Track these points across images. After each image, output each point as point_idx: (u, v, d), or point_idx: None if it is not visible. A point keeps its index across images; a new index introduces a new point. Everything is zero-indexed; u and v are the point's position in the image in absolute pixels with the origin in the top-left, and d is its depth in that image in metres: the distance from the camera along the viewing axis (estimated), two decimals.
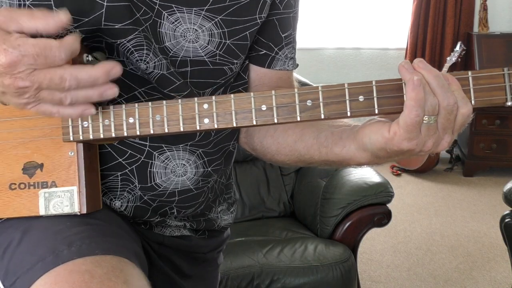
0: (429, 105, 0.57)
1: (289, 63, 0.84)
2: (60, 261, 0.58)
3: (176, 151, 0.76)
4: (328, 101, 0.59)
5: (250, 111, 0.61)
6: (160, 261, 0.86)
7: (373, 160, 0.66)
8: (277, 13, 0.78)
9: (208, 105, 0.61)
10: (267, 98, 0.60)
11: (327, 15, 4.21)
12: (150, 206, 0.78)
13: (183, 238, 0.88)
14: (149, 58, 0.69)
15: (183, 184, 0.78)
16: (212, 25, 0.70)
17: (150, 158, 0.75)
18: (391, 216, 1.90)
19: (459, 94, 0.58)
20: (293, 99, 0.60)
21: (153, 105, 0.62)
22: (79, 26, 0.65)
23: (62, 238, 0.62)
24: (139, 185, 0.75)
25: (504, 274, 2.42)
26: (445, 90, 0.57)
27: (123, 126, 0.63)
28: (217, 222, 0.92)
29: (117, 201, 0.76)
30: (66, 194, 0.65)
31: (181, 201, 0.79)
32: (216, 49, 0.72)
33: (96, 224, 0.67)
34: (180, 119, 0.62)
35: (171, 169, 0.76)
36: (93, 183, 0.68)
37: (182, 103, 0.62)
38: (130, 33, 0.66)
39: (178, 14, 0.68)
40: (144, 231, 0.83)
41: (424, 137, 0.59)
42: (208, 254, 0.94)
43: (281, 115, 0.60)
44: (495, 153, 3.67)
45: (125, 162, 0.74)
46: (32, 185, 0.66)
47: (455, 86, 0.58)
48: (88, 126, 0.64)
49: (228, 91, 0.79)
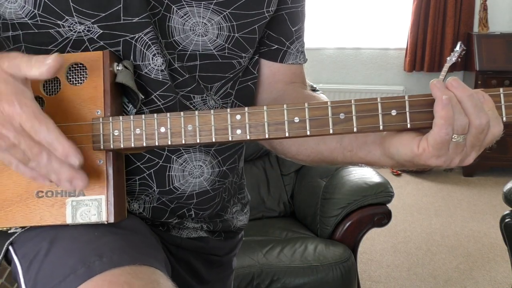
0: (459, 125, 0.57)
1: (301, 56, 0.85)
2: (93, 272, 0.57)
3: (193, 153, 0.76)
4: (361, 114, 0.60)
5: (283, 123, 0.61)
6: (178, 266, 0.85)
7: (395, 165, 0.67)
8: (286, 7, 0.79)
9: (241, 116, 0.61)
10: (300, 111, 0.60)
11: (327, 15, 4.21)
12: (168, 207, 0.78)
13: (200, 239, 0.87)
14: (160, 53, 0.69)
15: (201, 186, 0.78)
16: (221, 19, 0.71)
17: (169, 162, 0.74)
18: (391, 216, 1.90)
19: (493, 114, 0.58)
20: (326, 112, 0.60)
21: (185, 115, 0.62)
22: (97, 21, 0.65)
23: (92, 249, 0.61)
24: (158, 189, 0.75)
25: (504, 274, 2.42)
26: (478, 110, 0.56)
27: (155, 136, 0.63)
28: (233, 223, 0.92)
29: (135, 203, 0.76)
30: (94, 203, 0.65)
31: (199, 203, 0.79)
32: (225, 43, 0.72)
33: (125, 234, 0.66)
34: (212, 130, 0.62)
35: (189, 171, 0.76)
36: (120, 192, 0.68)
37: (215, 113, 0.62)
38: (147, 26, 0.66)
39: (187, 8, 0.69)
40: (162, 233, 0.82)
41: (452, 154, 0.59)
42: (224, 257, 0.94)
43: (314, 128, 0.60)
44: (495, 153, 3.67)
45: (143, 166, 0.73)
46: (60, 193, 0.65)
47: (489, 105, 0.58)
48: (119, 134, 0.64)
49: (236, 86, 0.79)
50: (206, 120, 0.62)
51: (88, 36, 0.66)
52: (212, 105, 0.75)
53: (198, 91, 0.73)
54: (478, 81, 3.59)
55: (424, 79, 4.13)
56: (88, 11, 0.65)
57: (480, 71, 3.58)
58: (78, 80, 0.66)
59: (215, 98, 0.76)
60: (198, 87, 0.73)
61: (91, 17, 0.65)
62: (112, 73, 0.66)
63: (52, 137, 0.57)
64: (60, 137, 0.57)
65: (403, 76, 4.19)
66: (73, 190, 0.64)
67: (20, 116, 0.55)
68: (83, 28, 0.66)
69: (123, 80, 0.66)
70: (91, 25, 0.65)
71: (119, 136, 0.64)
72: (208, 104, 0.75)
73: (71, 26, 0.66)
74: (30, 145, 0.56)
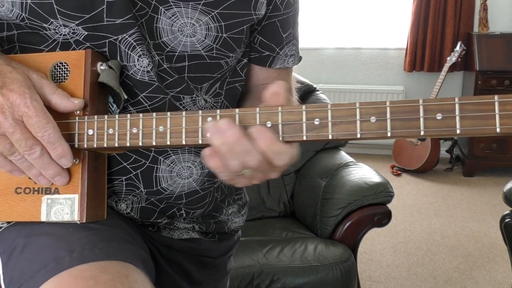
0: (231, 168, 0.56)
1: (289, 60, 0.85)
2: (62, 268, 0.57)
3: (182, 154, 0.75)
4: (338, 120, 0.55)
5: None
6: (168, 267, 0.85)
7: None
8: (279, 14, 0.79)
9: (212, 119, 0.59)
10: (273, 115, 0.57)
11: (327, 15, 4.22)
12: (157, 207, 0.78)
13: (192, 241, 0.87)
14: (146, 54, 0.68)
15: (190, 186, 0.77)
16: (209, 19, 0.70)
17: (156, 163, 0.74)
18: (391, 216, 1.90)
19: (269, 150, 0.55)
20: (300, 117, 0.56)
21: (157, 116, 0.61)
22: (81, 23, 0.65)
23: (64, 244, 0.61)
24: (145, 190, 0.75)
25: (504, 274, 2.42)
26: (245, 154, 0.55)
27: (127, 136, 0.62)
28: (228, 225, 0.91)
29: (122, 203, 0.75)
30: (68, 202, 0.65)
31: (188, 203, 0.79)
32: (213, 43, 0.72)
33: (99, 229, 0.66)
34: (183, 132, 0.60)
35: (177, 172, 0.76)
36: (98, 192, 0.68)
37: (186, 115, 0.60)
38: (131, 28, 0.66)
39: (175, 9, 0.68)
40: (152, 233, 0.82)
41: (246, 180, 0.60)
42: (218, 259, 0.93)
43: (287, 133, 0.57)
44: (495, 153, 3.67)
45: (129, 166, 0.73)
46: (37, 190, 0.66)
47: (263, 142, 0.55)
48: (93, 134, 0.63)
49: (224, 86, 0.79)
50: (177, 122, 0.60)
51: (74, 38, 0.66)
52: (202, 105, 0.75)
53: (187, 92, 0.73)
54: (478, 81, 3.59)
55: (424, 79, 4.13)
56: (72, 13, 0.64)
57: (480, 71, 3.58)
58: (62, 78, 0.66)
59: (207, 97, 0.76)
60: (187, 88, 0.73)
61: (75, 19, 0.65)
62: (95, 73, 0.66)
63: (56, 137, 0.60)
64: (62, 138, 0.61)
65: (403, 76, 4.19)
66: (49, 185, 0.65)
67: (28, 109, 0.58)
68: (68, 31, 0.66)
69: (105, 79, 0.65)
70: (76, 27, 0.65)
71: (93, 136, 0.63)
72: (198, 104, 0.75)
73: (56, 29, 0.66)
74: (26, 137, 0.58)
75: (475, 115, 0.50)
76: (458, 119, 0.51)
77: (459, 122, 0.51)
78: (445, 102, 0.51)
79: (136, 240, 0.72)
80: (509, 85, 3.56)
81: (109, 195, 0.74)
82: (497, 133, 0.51)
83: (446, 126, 0.51)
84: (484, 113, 0.50)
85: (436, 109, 0.51)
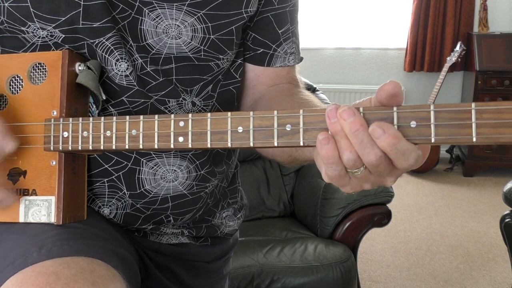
0: (346, 161, 0.50)
1: (290, 58, 0.81)
2: (27, 263, 0.57)
3: (166, 158, 0.74)
4: (310, 127, 0.53)
5: (226, 132, 0.57)
6: (157, 270, 0.83)
7: None
8: (272, 9, 0.76)
9: (184, 123, 0.58)
10: (244, 120, 0.56)
11: (327, 15, 4.21)
12: (143, 214, 0.76)
13: (181, 246, 0.85)
14: (127, 57, 0.67)
15: (175, 189, 0.76)
16: (195, 20, 0.68)
17: (138, 165, 0.73)
18: (391, 216, 1.90)
19: (396, 152, 0.49)
20: (271, 122, 0.55)
21: (131, 119, 0.61)
22: (57, 26, 0.65)
23: (36, 241, 0.61)
24: (128, 192, 0.74)
25: (504, 274, 2.42)
26: (363, 147, 0.49)
27: (101, 139, 0.62)
28: (220, 229, 0.89)
29: (105, 209, 0.74)
30: (45, 203, 0.65)
31: (175, 207, 0.77)
32: (200, 45, 0.70)
33: (75, 227, 0.65)
34: (155, 136, 0.60)
35: (161, 175, 0.74)
36: (76, 194, 0.67)
37: (159, 119, 0.60)
38: (109, 31, 0.65)
39: (159, 10, 0.67)
40: (139, 238, 0.81)
41: (356, 183, 0.53)
42: (212, 263, 0.90)
43: (258, 139, 0.55)
44: (495, 153, 3.67)
45: (111, 168, 0.72)
46: (15, 191, 0.66)
47: (389, 141, 0.49)
48: (68, 136, 0.63)
49: (217, 89, 0.77)
50: (150, 125, 0.60)
51: (52, 40, 0.66)
52: (189, 108, 0.73)
53: (173, 95, 0.71)
54: (478, 81, 3.59)
55: (424, 79, 4.13)
56: (48, 16, 0.64)
57: (480, 71, 3.58)
58: (40, 79, 0.66)
59: (197, 100, 0.74)
60: (174, 91, 0.71)
61: (51, 21, 0.64)
62: (74, 73, 0.65)
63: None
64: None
65: (403, 76, 4.19)
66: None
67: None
68: (46, 33, 0.65)
69: (83, 80, 0.65)
70: (53, 30, 0.65)
71: (67, 138, 0.63)
72: (185, 108, 0.73)
73: (34, 32, 0.65)
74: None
75: (451, 124, 0.49)
76: (433, 128, 0.49)
77: (434, 130, 0.49)
78: (420, 109, 0.49)
79: (116, 239, 0.71)
80: (509, 85, 3.56)
81: (92, 198, 0.73)
82: (474, 142, 0.49)
83: (420, 135, 0.49)
84: (460, 121, 0.48)
85: (410, 116, 0.50)
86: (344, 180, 0.53)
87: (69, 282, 0.54)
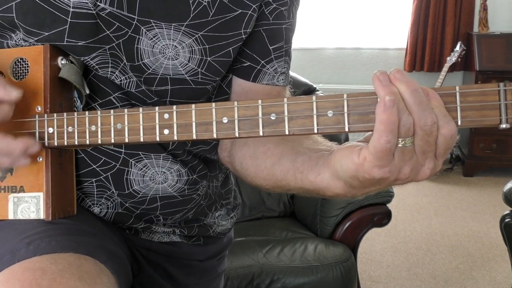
0: (403, 126, 0.49)
1: (280, 78, 0.77)
2: (16, 259, 0.57)
3: (155, 160, 0.73)
4: (294, 115, 0.53)
5: (211, 123, 0.56)
6: (150, 268, 0.83)
7: (348, 190, 0.58)
8: (265, 23, 0.73)
9: (169, 115, 0.58)
10: (229, 110, 0.56)
11: (327, 15, 4.21)
12: (133, 213, 0.76)
13: (172, 244, 0.84)
14: (114, 76, 0.67)
15: (164, 191, 0.75)
16: (193, 41, 0.67)
17: (126, 166, 0.72)
18: (391, 216, 1.90)
19: (440, 112, 0.49)
20: (256, 112, 0.54)
21: (115, 113, 0.60)
22: (40, 40, 0.64)
23: (23, 237, 0.61)
24: (117, 192, 0.73)
25: (504, 274, 2.42)
26: (422, 108, 0.49)
27: (86, 134, 0.62)
28: (213, 228, 0.88)
29: (95, 208, 0.74)
30: (33, 200, 0.65)
31: (164, 207, 0.77)
32: (198, 67, 0.69)
33: (65, 223, 0.65)
34: (140, 129, 0.59)
35: (150, 177, 0.74)
36: (65, 189, 0.67)
37: (143, 112, 0.59)
38: (94, 51, 0.65)
39: (156, 30, 0.66)
40: (130, 236, 0.80)
41: (398, 162, 0.51)
42: (205, 262, 0.90)
43: (243, 129, 0.55)
44: (495, 153, 3.67)
45: (99, 169, 0.72)
46: (3, 189, 0.66)
47: (435, 103, 0.49)
48: (53, 132, 0.63)
49: None
50: (135, 118, 0.60)
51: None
52: None
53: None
54: (478, 81, 3.60)
55: (424, 79, 4.13)
56: (32, 29, 0.64)
57: (480, 71, 3.58)
58: (22, 75, 0.66)
59: None
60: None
61: (34, 35, 0.64)
62: (56, 67, 0.65)
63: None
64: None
65: None
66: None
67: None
68: (28, 45, 0.65)
69: (65, 75, 0.65)
70: (35, 43, 0.65)
71: (53, 134, 0.63)
72: None
73: (17, 42, 0.66)
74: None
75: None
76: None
77: None
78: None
79: (107, 235, 0.71)
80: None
81: (82, 197, 0.73)
82: (459, 126, 0.50)
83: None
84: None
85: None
86: (387, 156, 0.50)
87: (55, 277, 0.54)
